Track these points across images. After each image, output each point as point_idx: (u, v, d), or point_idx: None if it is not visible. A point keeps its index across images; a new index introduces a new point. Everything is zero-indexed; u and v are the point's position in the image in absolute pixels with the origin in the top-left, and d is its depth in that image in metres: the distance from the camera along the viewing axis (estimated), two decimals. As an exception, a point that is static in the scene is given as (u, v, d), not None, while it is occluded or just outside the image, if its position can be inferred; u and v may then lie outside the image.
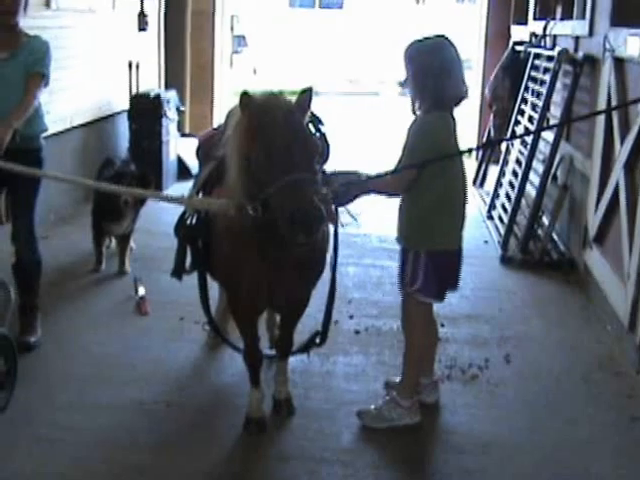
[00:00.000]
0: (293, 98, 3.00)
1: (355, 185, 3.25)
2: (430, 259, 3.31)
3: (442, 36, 3.32)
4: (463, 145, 3.48)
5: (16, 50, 4.06)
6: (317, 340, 3.70)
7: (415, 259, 3.34)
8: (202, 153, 3.98)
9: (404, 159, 3.27)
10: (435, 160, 3.16)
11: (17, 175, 3.75)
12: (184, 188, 7.77)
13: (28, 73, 4.05)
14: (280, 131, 2.82)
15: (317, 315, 4.67)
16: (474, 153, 9.11)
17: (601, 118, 5.07)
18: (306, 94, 2.99)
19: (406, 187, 3.27)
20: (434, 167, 3.19)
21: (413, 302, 3.47)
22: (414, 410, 3.54)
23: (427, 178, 3.23)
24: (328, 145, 3.59)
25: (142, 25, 8.05)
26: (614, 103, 4.84)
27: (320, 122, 3.67)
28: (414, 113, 3.33)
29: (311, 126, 3.26)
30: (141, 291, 4.91)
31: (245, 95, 2.92)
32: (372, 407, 3.60)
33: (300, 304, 3.52)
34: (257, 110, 2.88)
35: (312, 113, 3.32)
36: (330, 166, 3.46)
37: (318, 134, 3.54)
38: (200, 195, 3.62)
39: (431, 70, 3.21)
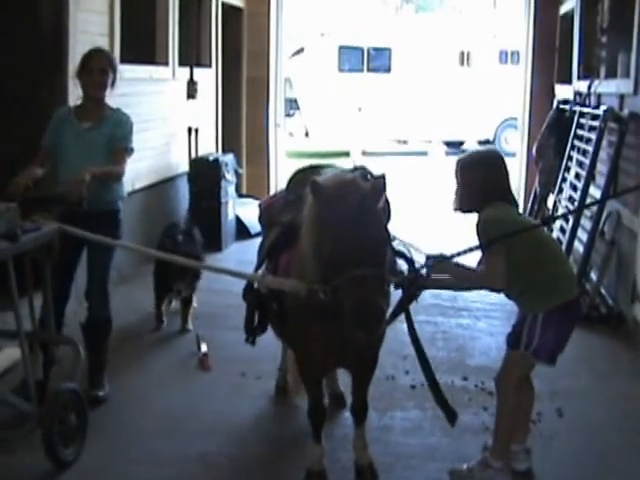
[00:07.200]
0: (365, 184, 2.98)
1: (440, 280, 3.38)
2: (547, 318, 3.32)
3: (492, 150, 3.54)
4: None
5: (100, 121, 4.26)
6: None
7: (533, 320, 3.34)
8: (265, 218, 4.00)
9: (487, 254, 3.33)
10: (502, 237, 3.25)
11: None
12: (243, 247, 8.08)
13: (115, 146, 4.23)
14: (349, 225, 2.82)
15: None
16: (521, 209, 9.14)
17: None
18: (379, 181, 2.97)
19: (504, 280, 3.30)
20: (520, 242, 3.27)
21: (519, 363, 3.48)
22: (505, 472, 3.53)
23: (518, 251, 3.29)
24: (389, 208, 3.55)
25: (191, 92, 8.07)
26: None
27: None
28: (463, 212, 3.49)
29: None
30: (203, 348, 5.00)
31: (315, 184, 2.93)
32: (465, 466, 3.57)
33: (370, 364, 3.52)
34: (328, 201, 2.89)
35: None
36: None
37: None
38: (266, 261, 3.61)
39: (486, 173, 3.39)
